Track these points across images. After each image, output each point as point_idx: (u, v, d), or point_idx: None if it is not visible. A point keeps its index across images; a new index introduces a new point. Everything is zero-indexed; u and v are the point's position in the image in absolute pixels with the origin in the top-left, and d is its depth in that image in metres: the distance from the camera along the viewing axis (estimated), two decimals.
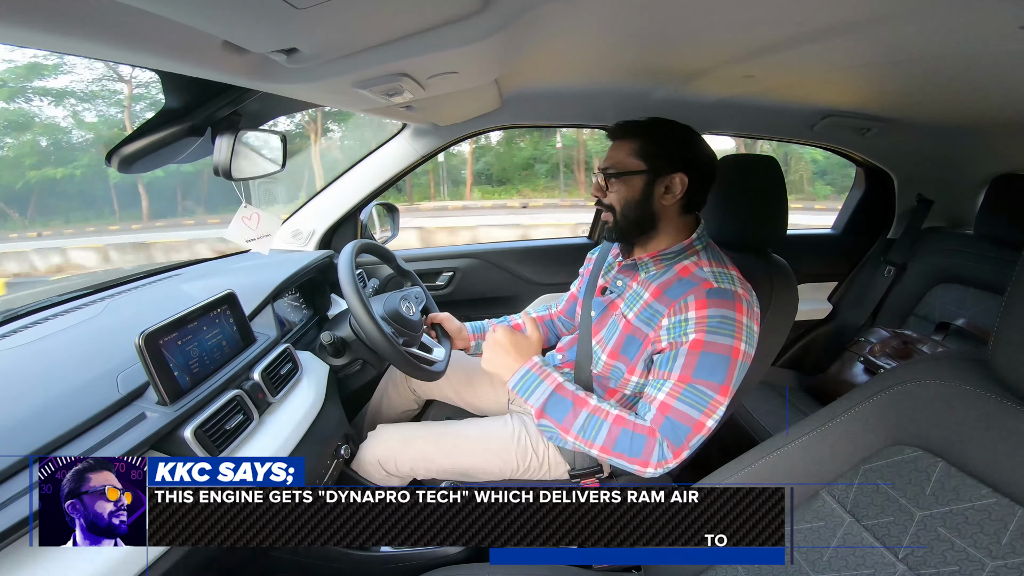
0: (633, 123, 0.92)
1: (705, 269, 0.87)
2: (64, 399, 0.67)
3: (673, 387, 0.82)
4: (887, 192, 1.84)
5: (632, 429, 0.83)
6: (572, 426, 0.85)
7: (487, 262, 1.69)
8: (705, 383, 0.80)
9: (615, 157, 0.92)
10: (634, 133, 0.91)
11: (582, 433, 0.84)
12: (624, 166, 0.90)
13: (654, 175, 0.89)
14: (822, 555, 0.54)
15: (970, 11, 0.63)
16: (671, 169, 0.88)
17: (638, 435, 0.82)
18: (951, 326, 1.48)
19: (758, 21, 0.75)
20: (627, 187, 0.90)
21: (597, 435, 0.84)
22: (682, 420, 0.81)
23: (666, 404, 0.82)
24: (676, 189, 0.89)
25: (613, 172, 0.91)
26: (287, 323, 1.17)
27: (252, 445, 0.79)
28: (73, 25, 0.41)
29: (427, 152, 1.48)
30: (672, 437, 0.81)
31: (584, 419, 0.84)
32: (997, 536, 0.44)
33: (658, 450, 0.81)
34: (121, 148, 0.77)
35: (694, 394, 0.81)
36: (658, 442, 0.82)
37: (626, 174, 0.90)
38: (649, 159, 0.89)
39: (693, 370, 0.81)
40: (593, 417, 0.84)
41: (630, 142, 0.91)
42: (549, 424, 0.87)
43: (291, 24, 0.51)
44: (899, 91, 1.16)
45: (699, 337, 0.81)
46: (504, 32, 0.65)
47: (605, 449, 0.83)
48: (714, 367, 0.80)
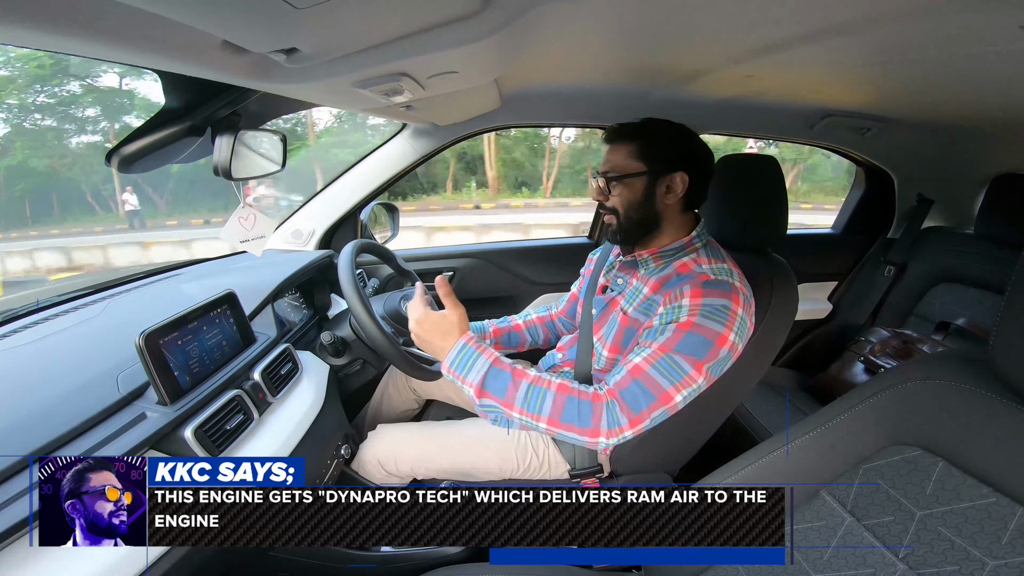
0: (628, 125, 0.93)
1: (704, 266, 0.88)
2: (64, 399, 0.67)
3: (651, 355, 0.80)
4: (887, 192, 1.84)
5: (578, 396, 0.80)
6: (515, 399, 0.80)
7: (487, 262, 1.69)
8: (683, 356, 0.79)
9: (614, 160, 0.92)
10: (630, 135, 0.91)
11: (526, 406, 0.80)
12: (624, 169, 0.91)
13: (655, 176, 0.89)
14: (822, 555, 0.54)
15: (970, 11, 0.63)
16: (671, 168, 0.89)
17: (584, 401, 0.79)
18: (951, 325, 1.48)
19: (758, 21, 0.75)
20: (629, 189, 0.91)
21: (542, 406, 0.79)
22: (650, 387, 0.78)
23: (639, 367, 0.80)
24: (677, 188, 0.89)
25: (614, 175, 0.91)
26: (287, 323, 1.17)
27: (252, 445, 0.79)
28: (73, 25, 0.41)
29: (427, 152, 1.48)
30: (632, 403, 0.78)
31: (526, 390, 0.80)
32: (997, 535, 0.43)
33: (607, 415, 0.78)
34: (121, 148, 0.77)
35: (669, 364, 0.79)
36: (605, 406, 0.79)
37: (627, 177, 0.90)
38: (648, 160, 0.89)
39: (675, 344, 0.80)
40: (535, 387, 0.80)
41: (627, 144, 0.91)
42: (491, 402, 0.81)
43: (291, 24, 0.51)
44: (899, 91, 1.16)
45: (689, 319, 0.81)
46: (504, 32, 0.65)
47: (552, 421, 0.80)
48: (697, 346, 0.79)
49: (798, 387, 1.69)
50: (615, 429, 0.78)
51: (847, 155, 1.79)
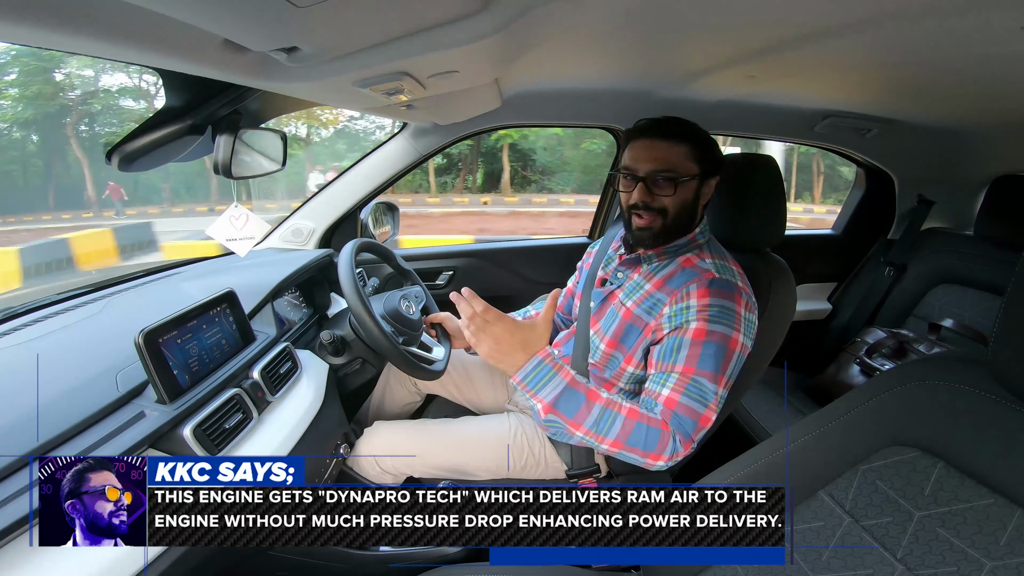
0: (681, 124, 0.91)
1: (708, 261, 0.89)
2: (63, 397, 0.67)
3: (677, 381, 0.83)
4: (887, 193, 1.84)
5: (647, 423, 0.81)
6: (584, 421, 0.80)
7: (487, 261, 1.69)
8: (706, 375, 0.81)
9: (671, 160, 0.89)
10: (684, 136, 0.90)
11: (594, 428, 0.80)
12: (685, 170, 0.89)
13: (702, 179, 0.91)
14: (821, 555, 0.55)
15: (971, 12, 0.63)
16: (712, 173, 0.92)
17: (653, 428, 0.81)
18: (942, 328, 1.48)
19: (759, 21, 0.75)
20: (684, 191, 0.90)
21: (610, 429, 0.80)
22: (689, 415, 0.81)
23: (671, 399, 0.82)
24: (710, 191, 0.93)
25: (672, 176, 0.88)
26: (287, 322, 1.17)
27: (251, 444, 0.78)
28: (75, 23, 0.41)
29: (427, 151, 1.48)
30: (683, 432, 0.82)
31: (598, 413, 0.81)
32: (995, 537, 0.44)
33: (672, 443, 0.81)
34: (122, 146, 0.76)
35: (697, 388, 0.82)
36: (671, 435, 0.81)
37: (686, 179, 0.89)
38: (700, 163, 0.90)
39: (696, 361, 0.82)
40: (607, 411, 0.81)
41: (683, 145, 0.89)
42: (556, 419, 0.81)
43: (292, 22, 0.51)
44: (900, 92, 1.16)
45: (701, 326, 0.82)
46: (505, 31, 0.64)
47: (617, 444, 0.80)
48: (712, 357, 0.81)
49: (797, 388, 1.69)
50: (675, 455, 0.81)
51: (848, 156, 1.79)
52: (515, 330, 0.81)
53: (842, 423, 0.58)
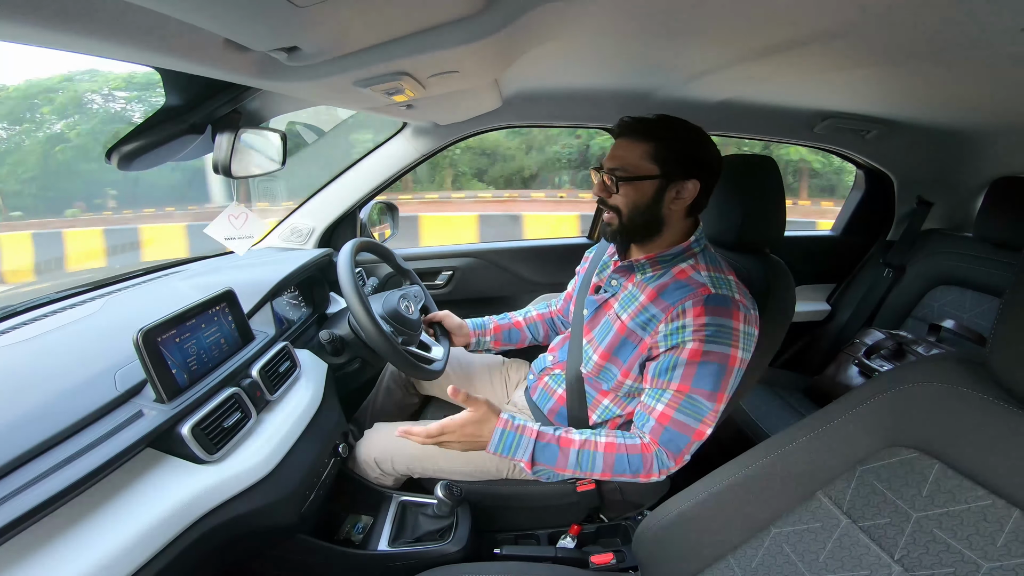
0: (645, 122, 0.86)
1: (703, 273, 0.87)
2: (62, 396, 0.67)
3: (672, 398, 0.83)
4: (887, 194, 1.84)
5: (627, 452, 0.85)
6: (567, 464, 0.85)
7: (486, 262, 1.69)
8: (702, 392, 0.81)
9: (626, 158, 0.86)
10: (647, 134, 0.85)
11: (578, 468, 0.85)
12: (637, 169, 0.85)
13: (667, 180, 0.85)
14: (818, 556, 0.55)
15: (971, 13, 0.63)
16: (685, 175, 0.85)
17: (634, 456, 0.84)
18: (942, 329, 1.48)
19: (759, 22, 0.75)
20: (637, 191, 0.86)
21: (594, 465, 0.85)
22: (682, 431, 0.82)
23: (665, 415, 0.83)
24: (686, 195, 0.86)
25: (624, 175, 0.86)
26: (286, 321, 1.17)
27: (250, 443, 0.79)
28: (75, 23, 0.41)
29: (427, 151, 1.48)
30: (672, 447, 0.83)
31: (576, 456, 0.85)
32: (993, 538, 0.44)
33: (657, 462, 0.84)
34: (122, 145, 0.76)
35: (692, 404, 0.81)
36: (655, 455, 0.84)
37: (639, 178, 0.85)
38: (663, 163, 0.84)
39: (692, 380, 0.81)
40: (583, 452, 0.85)
41: (643, 143, 0.85)
42: (542, 468, 0.86)
43: (292, 22, 0.51)
44: (900, 93, 1.16)
45: (697, 347, 0.81)
46: (505, 32, 0.64)
47: (605, 474, 0.85)
48: (711, 377, 0.81)
49: (796, 389, 1.69)
50: (664, 470, 0.85)
51: (847, 157, 1.79)
52: (465, 422, 0.86)
53: (840, 424, 0.58)
